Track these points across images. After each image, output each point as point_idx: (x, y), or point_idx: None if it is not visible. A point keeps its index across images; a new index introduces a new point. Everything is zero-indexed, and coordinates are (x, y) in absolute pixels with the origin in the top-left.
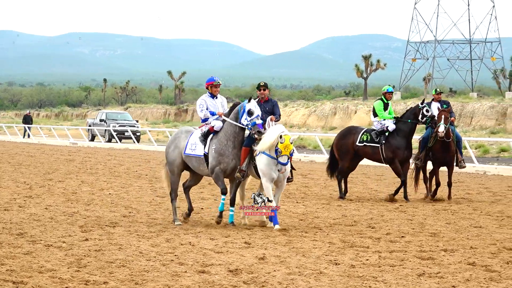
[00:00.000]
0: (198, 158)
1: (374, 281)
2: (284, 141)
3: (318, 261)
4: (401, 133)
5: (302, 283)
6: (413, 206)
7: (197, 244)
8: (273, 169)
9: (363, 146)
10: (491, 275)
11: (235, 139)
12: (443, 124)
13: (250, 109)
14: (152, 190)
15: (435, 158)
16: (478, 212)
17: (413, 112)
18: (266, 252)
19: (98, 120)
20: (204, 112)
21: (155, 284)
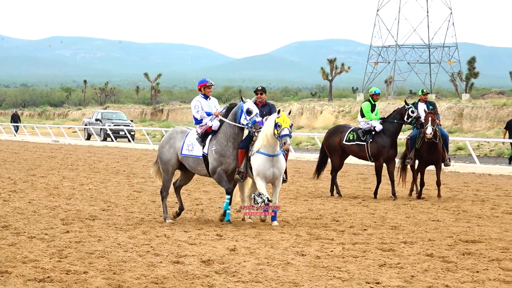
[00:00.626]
0: (196, 158)
1: (338, 271)
2: (281, 115)
3: (285, 252)
4: (387, 133)
5: (270, 272)
6: (375, 201)
7: (171, 236)
8: (267, 167)
9: (350, 144)
10: (448, 265)
11: (235, 140)
12: (431, 126)
13: (248, 108)
14: (129, 185)
15: (422, 158)
16: (436, 207)
17: (399, 112)
18: (237, 244)
19: (94, 119)
20: (201, 113)
21: (132, 274)
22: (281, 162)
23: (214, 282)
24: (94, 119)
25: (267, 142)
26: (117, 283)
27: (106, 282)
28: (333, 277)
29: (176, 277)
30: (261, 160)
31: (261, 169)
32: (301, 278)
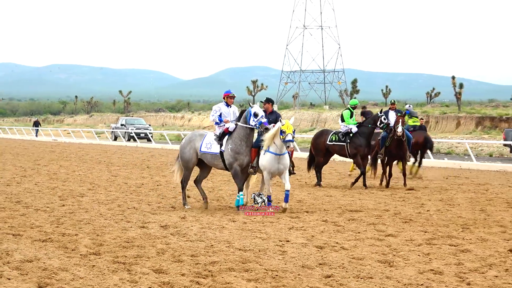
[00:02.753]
0: (213, 155)
1: (259, 232)
2: (285, 123)
3: (221, 219)
4: (363, 135)
5: (211, 234)
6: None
7: (139, 208)
8: (273, 164)
9: (332, 144)
10: (338, 228)
11: (247, 139)
12: (401, 126)
13: (255, 112)
14: (108, 171)
15: (391, 154)
16: (329, 186)
17: (373, 118)
18: (186, 214)
19: (119, 124)
20: (214, 117)
21: (110, 236)
22: (285, 159)
23: (170, 241)
24: (119, 124)
25: (272, 144)
26: (100, 242)
27: (91, 241)
28: (255, 237)
29: (142, 238)
30: (269, 158)
31: (268, 166)
32: (232, 237)
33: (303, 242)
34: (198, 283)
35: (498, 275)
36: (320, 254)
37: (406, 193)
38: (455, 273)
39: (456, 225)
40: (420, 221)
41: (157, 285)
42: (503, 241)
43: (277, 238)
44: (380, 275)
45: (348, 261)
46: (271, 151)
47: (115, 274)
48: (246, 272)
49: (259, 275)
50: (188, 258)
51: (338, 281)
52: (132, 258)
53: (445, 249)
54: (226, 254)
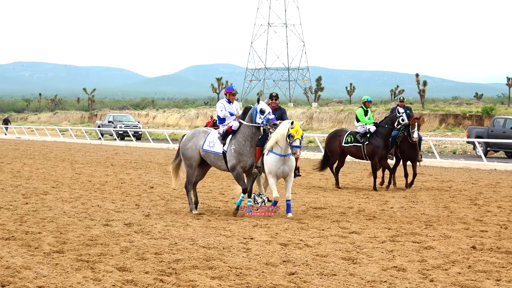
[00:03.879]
0: (216, 154)
1: (224, 230)
2: (295, 126)
3: (185, 217)
4: (380, 135)
5: (175, 231)
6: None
7: (103, 206)
8: (278, 166)
9: (348, 146)
10: (302, 225)
11: (252, 140)
12: (417, 131)
13: (261, 108)
14: (72, 169)
15: (404, 155)
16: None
17: (391, 119)
18: (150, 211)
19: (106, 121)
20: (224, 112)
21: (74, 233)
22: (291, 161)
23: (134, 239)
24: (107, 121)
25: (277, 145)
26: (63, 240)
27: (55, 239)
28: (220, 234)
29: (106, 236)
30: (273, 159)
31: (272, 168)
32: (197, 235)
33: (267, 239)
34: (162, 281)
35: (461, 272)
36: (284, 251)
37: (370, 190)
38: (418, 270)
39: (419, 222)
40: (384, 218)
41: (121, 283)
42: (466, 238)
43: (241, 235)
44: (343, 272)
45: (312, 258)
46: (275, 152)
47: (79, 272)
48: (210, 269)
49: (223, 272)
50: (152, 256)
51: (302, 278)
52: (95, 256)
53: (408, 246)
54: (190, 251)
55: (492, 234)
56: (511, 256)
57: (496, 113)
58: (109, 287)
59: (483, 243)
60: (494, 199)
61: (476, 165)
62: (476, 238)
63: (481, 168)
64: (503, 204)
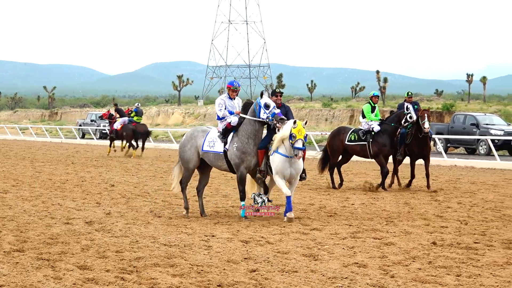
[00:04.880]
0: (216, 154)
1: (185, 227)
2: (297, 126)
3: (147, 215)
4: (386, 133)
5: (136, 229)
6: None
7: (63, 204)
8: (285, 167)
9: (352, 144)
10: (263, 222)
11: (256, 137)
12: (427, 121)
13: (266, 102)
14: (32, 167)
15: (413, 153)
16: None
17: (397, 116)
18: (111, 209)
19: (89, 120)
20: (223, 111)
21: (34, 232)
22: (298, 164)
23: (95, 237)
24: (89, 120)
25: (283, 145)
26: (23, 239)
27: (15, 238)
28: (181, 232)
29: (67, 234)
30: (280, 160)
31: (280, 169)
32: (158, 233)
33: (229, 236)
34: (123, 279)
35: (422, 268)
36: (245, 248)
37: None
38: (379, 266)
39: (380, 219)
40: (345, 215)
41: (82, 282)
42: (427, 234)
43: (202, 233)
44: (305, 269)
45: (273, 255)
46: (281, 153)
47: (39, 271)
48: (171, 267)
49: (184, 270)
50: (113, 254)
51: (263, 275)
52: (56, 254)
53: (369, 242)
54: (151, 249)
55: (452, 230)
56: (471, 252)
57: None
58: (69, 285)
59: (443, 239)
60: (454, 195)
61: (437, 161)
62: (436, 234)
63: (442, 164)
64: (463, 200)
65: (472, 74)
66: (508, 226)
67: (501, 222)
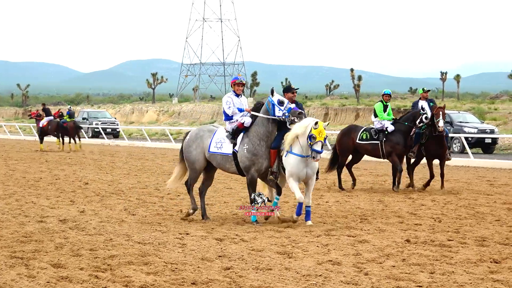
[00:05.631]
0: (225, 156)
1: (159, 226)
2: (318, 127)
3: (121, 213)
4: (399, 132)
5: (110, 227)
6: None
7: (37, 202)
8: (301, 167)
9: (363, 143)
10: (237, 220)
11: (268, 139)
12: (442, 120)
13: (279, 99)
14: (6, 165)
15: (429, 152)
16: (229, 179)
17: (413, 115)
18: (85, 208)
19: (80, 118)
20: (232, 109)
21: (7, 230)
22: (314, 162)
23: (68, 235)
24: (81, 118)
25: (298, 144)
26: None
27: None
28: (155, 230)
29: (41, 232)
30: (294, 161)
31: (295, 170)
32: (132, 231)
33: (203, 234)
34: (97, 277)
35: (395, 265)
36: (219, 246)
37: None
38: (353, 264)
39: (354, 216)
40: (319, 212)
41: (55, 280)
42: (401, 231)
43: (176, 231)
44: (279, 267)
45: (247, 253)
46: (295, 153)
47: (13, 269)
48: (145, 265)
49: (159, 268)
50: (87, 252)
51: (238, 273)
52: (30, 253)
53: (343, 240)
54: (125, 247)
55: (426, 227)
56: (444, 249)
57: None
58: (43, 283)
59: (417, 236)
60: (428, 193)
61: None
62: (410, 231)
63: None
64: (436, 197)
65: (446, 72)
66: (482, 224)
67: (474, 220)
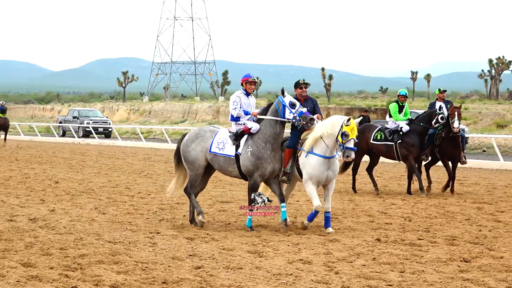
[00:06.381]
0: (227, 158)
1: (129, 225)
2: (350, 124)
3: (91, 212)
4: (415, 133)
5: (80, 226)
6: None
7: (7, 201)
8: (322, 170)
9: (378, 144)
10: (208, 219)
11: (275, 141)
12: (457, 120)
13: (290, 101)
14: None
15: (446, 153)
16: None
17: (429, 115)
18: (56, 207)
19: (71, 117)
20: (238, 111)
21: None
22: (335, 165)
23: (38, 234)
24: (71, 117)
25: (322, 144)
26: None
27: None
28: (126, 229)
29: (10, 231)
30: (316, 163)
31: (316, 173)
32: (102, 230)
33: (174, 233)
34: (67, 276)
35: (366, 264)
36: (190, 245)
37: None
38: (324, 263)
39: None
40: (290, 211)
41: (25, 279)
42: (371, 230)
43: (147, 230)
44: (250, 266)
45: (218, 252)
46: (317, 153)
47: None
48: (115, 264)
49: (129, 267)
50: (57, 251)
51: (208, 272)
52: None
53: (314, 239)
54: (96, 246)
55: (396, 226)
56: (415, 248)
57: None
58: (13, 283)
59: (387, 235)
60: (398, 192)
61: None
62: (380, 230)
63: (386, 161)
64: (407, 196)
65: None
66: (452, 223)
67: (444, 219)
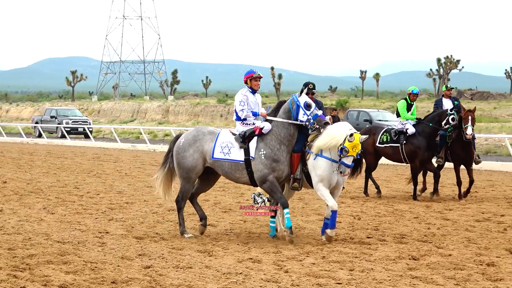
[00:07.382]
0: (235, 163)
1: (79, 224)
2: (354, 140)
3: (40, 212)
4: (423, 134)
5: (28, 226)
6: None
7: None
8: (331, 172)
9: (384, 146)
10: (158, 218)
11: (290, 143)
12: (471, 126)
13: (306, 101)
14: None
15: (456, 157)
16: (150, 177)
17: (438, 114)
18: (4, 207)
19: (48, 117)
20: (246, 112)
21: None
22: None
23: None
24: (48, 117)
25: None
26: None
27: None
28: (75, 229)
29: None
30: (326, 165)
31: (326, 175)
32: (51, 230)
33: (123, 233)
34: (15, 276)
35: (315, 262)
36: (139, 245)
37: (227, 182)
38: (274, 261)
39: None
40: (239, 211)
41: None
42: (320, 229)
43: (96, 229)
44: (199, 265)
45: (167, 252)
46: (326, 156)
47: None
48: (64, 264)
49: (78, 267)
50: (5, 252)
51: (158, 271)
52: None
53: (263, 238)
54: (44, 246)
55: (346, 224)
56: (364, 246)
57: (350, 105)
58: None
59: (337, 233)
60: (347, 190)
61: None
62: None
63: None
64: (356, 195)
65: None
66: (400, 221)
67: (393, 217)
